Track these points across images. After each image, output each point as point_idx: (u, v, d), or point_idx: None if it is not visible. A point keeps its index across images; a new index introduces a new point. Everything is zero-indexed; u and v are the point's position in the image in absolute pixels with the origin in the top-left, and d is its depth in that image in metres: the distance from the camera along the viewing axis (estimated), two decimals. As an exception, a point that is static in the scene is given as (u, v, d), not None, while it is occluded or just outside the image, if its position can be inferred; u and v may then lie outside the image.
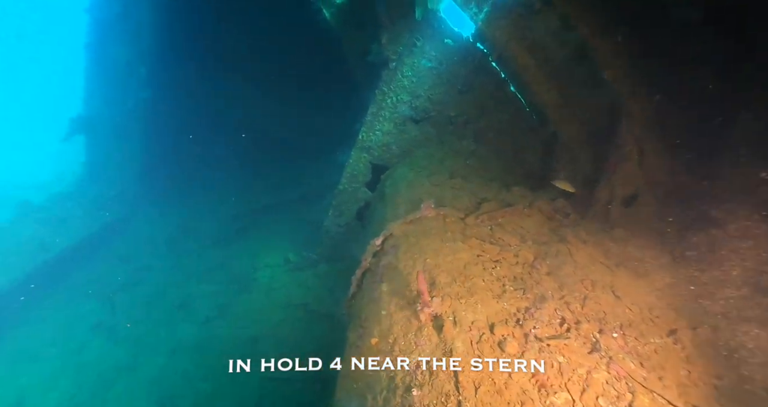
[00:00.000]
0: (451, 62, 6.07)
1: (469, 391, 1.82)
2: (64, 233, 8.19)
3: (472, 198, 4.47)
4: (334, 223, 6.79)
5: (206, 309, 7.22)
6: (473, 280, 2.69)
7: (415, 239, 3.48)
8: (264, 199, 8.68)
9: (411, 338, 2.32)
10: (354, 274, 4.42)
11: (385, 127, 6.28)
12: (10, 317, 7.19)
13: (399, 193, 5.05)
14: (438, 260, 3.00)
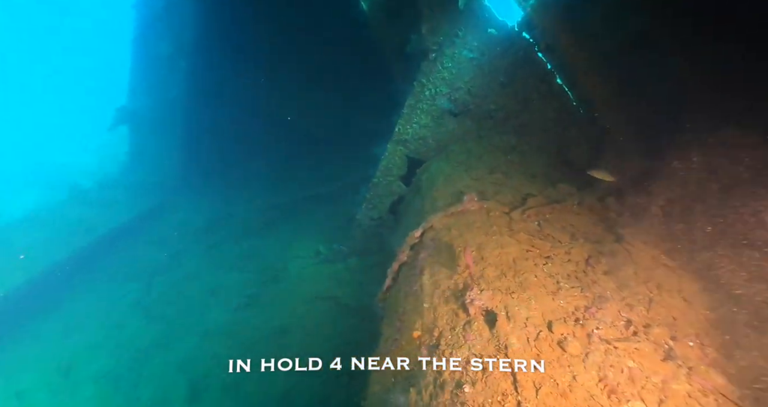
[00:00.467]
0: (494, 53, 5.86)
1: (529, 391, 1.67)
2: (108, 216, 8.55)
3: (515, 194, 4.27)
4: (366, 216, 6.72)
5: (237, 296, 7.33)
6: (524, 275, 2.53)
7: (458, 232, 3.34)
8: (298, 191, 8.73)
9: (459, 332, 2.19)
10: (389, 267, 4.33)
11: (422, 120, 6.14)
12: (60, 291, 7.59)
13: (437, 186, 4.90)
14: (484, 253, 2.85)
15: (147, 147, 9.95)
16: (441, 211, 3.75)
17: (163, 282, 8.03)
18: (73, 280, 7.59)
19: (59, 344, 6.76)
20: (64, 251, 7.25)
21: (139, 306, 7.41)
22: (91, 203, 8.55)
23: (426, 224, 3.75)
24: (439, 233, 3.50)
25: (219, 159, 10.35)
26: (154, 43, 8.97)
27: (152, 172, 9.66)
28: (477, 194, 3.74)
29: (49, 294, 7.19)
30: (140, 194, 9.32)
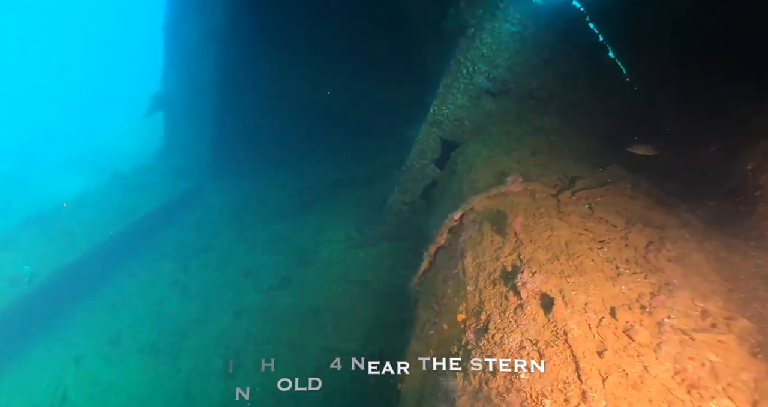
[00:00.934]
0: (538, 26, 5.50)
1: (595, 381, 1.52)
2: (147, 199, 8.86)
3: (560, 176, 4.01)
4: (398, 201, 6.60)
5: (269, 278, 7.45)
6: (579, 259, 2.34)
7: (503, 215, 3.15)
8: (330, 175, 8.69)
9: (509, 315, 2.05)
10: (425, 250, 4.20)
11: (458, 100, 5.89)
12: (107, 268, 7.99)
13: (475, 169, 4.70)
14: (533, 235, 2.67)
15: (180, 133, 10.17)
16: (482, 193, 3.57)
17: (198, 263, 8.28)
18: (118, 259, 7.97)
19: (108, 317, 7.17)
20: (108, 231, 7.61)
21: (177, 285, 7.68)
22: (131, 188, 8.90)
23: (466, 206, 3.58)
24: (481, 215, 3.33)
25: (251, 143, 10.45)
26: (185, 28, 9.04)
27: (186, 157, 9.89)
28: (521, 176, 3.52)
29: (97, 272, 7.60)
30: (175, 179, 9.58)
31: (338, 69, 9.59)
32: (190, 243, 8.76)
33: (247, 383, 5.92)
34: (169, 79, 10.02)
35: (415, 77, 8.31)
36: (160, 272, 7.98)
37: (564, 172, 4.21)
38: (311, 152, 10.03)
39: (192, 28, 9.18)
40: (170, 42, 9.60)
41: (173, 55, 9.73)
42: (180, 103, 9.93)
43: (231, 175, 10.24)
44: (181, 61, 9.62)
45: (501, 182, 3.62)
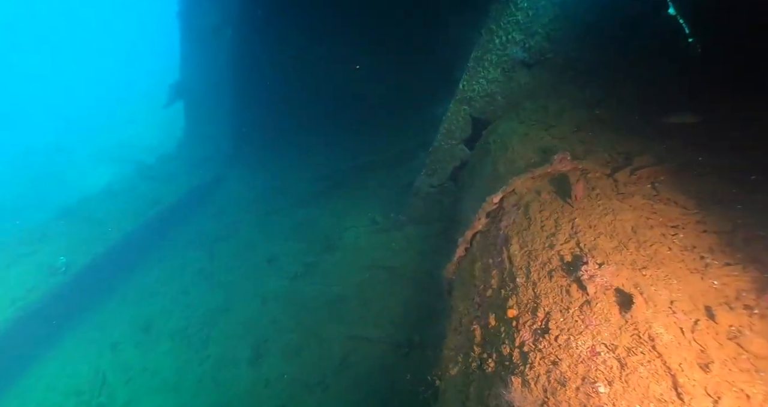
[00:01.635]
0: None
1: (702, 402, 1.21)
2: (170, 189, 8.87)
3: (612, 153, 3.59)
4: (425, 183, 6.28)
5: (293, 265, 7.34)
6: (652, 247, 1.99)
7: (551, 197, 2.81)
8: (352, 159, 8.44)
9: (574, 314, 1.74)
10: (461, 236, 3.90)
11: (490, 73, 5.45)
12: (135, 258, 8.09)
13: (511, 147, 4.32)
14: (592, 220, 2.33)
15: (200, 121, 10.08)
16: (524, 173, 3.21)
17: (223, 251, 8.26)
18: (145, 248, 8.05)
19: (139, 305, 7.29)
20: (135, 221, 7.67)
21: (203, 274, 7.69)
22: (154, 178, 8.96)
23: (507, 187, 3.24)
24: (524, 198, 2.99)
25: (271, 129, 10.27)
26: (200, 13, 8.80)
27: (206, 146, 9.82)
28: (569, 153, 3.14)
29: (127, 261, 7.71)
30: (196, 168, 9.56)
31: (358, 48, 9.18)
32: (214, 232, 8.75)
33: (273, 370, 5.93)
34: (186, 68, 9.88)
35: (437, 53, 7.84)
36: (186, 260, 8.01)
37: (614, 148, 3.78)
38: (332, 135, 9.76)
39: (207, 12, 8.94)
40: (186, 29, 9.41)
41: (189, 42, 9.55)
42: (198, 91, 9.80)
43: (252, 162, 10.13)
44: (197, 48, 9.43)
45: (546, 161, 3.25)
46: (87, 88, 23.53)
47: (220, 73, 9.43)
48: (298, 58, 10.00)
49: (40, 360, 6.65)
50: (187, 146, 10.64)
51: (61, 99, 22.37)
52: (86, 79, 26.05)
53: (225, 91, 9.71)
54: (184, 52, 9.91)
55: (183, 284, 7.53)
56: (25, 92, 25.05)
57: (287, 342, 6.14)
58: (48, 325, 6.67)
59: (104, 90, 22.56)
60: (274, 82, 10.20)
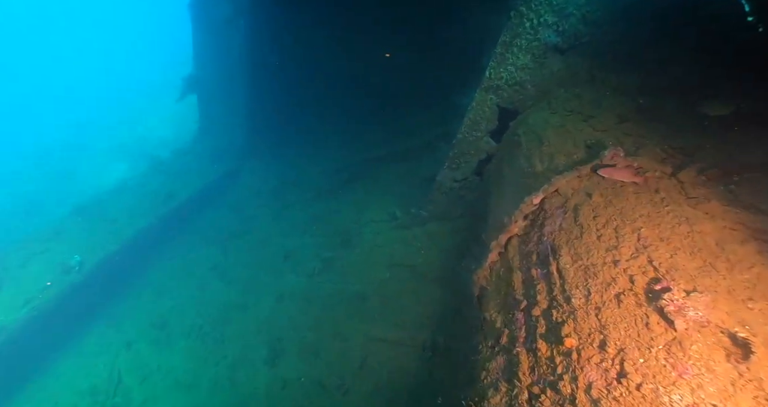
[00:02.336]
0: (623, -37, 4.48)
1: None
2: (184, 184, 8.73)
3: (666, 148, 3.20)
4: (448, 177, 5.95)
5: (311, 261, 7.15)
6: (753, 271, 1.65)
7: (604, 200, 2.47)
8: (370, 151, 8.13)
9: (659, 356, 1.43)
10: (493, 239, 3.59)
11: (520, 60, 5.04)
12: (149, 254, 8.01)
13: (548, 141, 3.95)
14: (663, 231, 1.98)
15: (214, 114, 9.87)
16: (570, 171, 2.85)
17: (238, 247, 8.12)
18: (159, 244, 7.96)
19: (154, 302, 7.21)
20: (149, 217, 7.55)
21: (218, 270, 7.57)
22: (169, 173, 8.81)
23: (549, 187, 2.90)
24: (572, 201, 2.65)
25: (286, 121, 10.01)
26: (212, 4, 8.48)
27: (220, 139, 9.62)
28: (622, 149, 2.77)
29: (141, 257, 7.63)
30: (211, 162, 9.39)
31: (376, 36, 8.76)
32: (229, 227, 8.61)
33: (290, 371, 5.78)
34: (200, 60, 9.64)
35: (460, 39, 7.39)
36: (200, 256, 7.90)
37: (667, 142, 3.39)
38: (349, 126, 9.44)
39: (218, 3, 8.62)
40: (198, 20, 9.12)
41: (202, 33, 9.28)
42: (212, 83, 9.56)
43: (266, 155, 9.92)
44: (210, 40, 9.16)
45: (593, 157, 2.89)
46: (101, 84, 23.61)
47: (233, 65, 9.16)
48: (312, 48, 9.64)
49: (55, 359, 6.66)
50: (201, 140, 10.47)
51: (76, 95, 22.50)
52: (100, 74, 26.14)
53: (238, 84, 9.45)
54: (196, 45, 9.66)
55: (197, 281, 7.42)
56: (39, 90, 25.32)
57: (304, 341, 5.97)
58: (63, 324, 6.65)
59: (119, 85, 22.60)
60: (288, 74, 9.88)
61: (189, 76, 9.70)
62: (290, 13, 9.10)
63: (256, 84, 9.50)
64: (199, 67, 9.84)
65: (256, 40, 8.76)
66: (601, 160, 2.78)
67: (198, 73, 9.86)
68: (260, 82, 9.54)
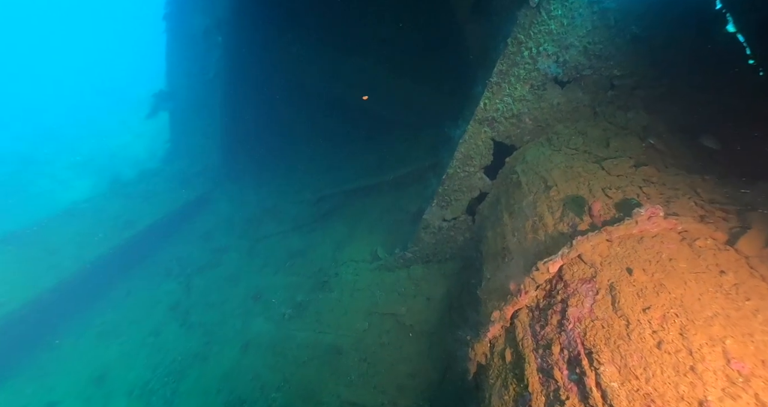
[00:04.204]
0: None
1: None
2: (148, 209, 7.93)
3: (698, 201, 2.71)
4: (437, 216, 5.38)
5: (283, 304, 6.40)
6: None
7: (651, 280, 1.91)
8: (352, 181, 7.54)
9: None
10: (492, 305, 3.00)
11: (517, 90, 4.61)
12: (97, 291, 7.07)
13: (554, 183, 3.44)
14: (757, 346, 1.40)
15: (187, 134, 9.21)
16: (595, 231, 2.30)
17: (203, 283, 7.30)
18: (111, 279, 7.06)
19: (94, 349, 6.24)
20: (101, 247, 6.70)
21: (178, 310, 6.71)
22: (132, 196, 8.00)
23: (569, 251, 2.33)
24: (603, 275, 2.08)
25: (264, 145, 9.39)
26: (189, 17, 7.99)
27: (194, 161, 8.91)
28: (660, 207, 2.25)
29: (85, 294, 6.68)
30: (182, 185, 8.63)
31: (361, 60, 8.36)
32: (195, 259, 7.80)
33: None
34: (173, 75, 9.03)
35: (452, 66, 7.03)
36: (159, 293, 7.03)
37: (698, 194, 2.90)
38: (332, 153, 8.87)
39: (196, 16, 8.13)
40: (173, 33, 8.58)
41: (177, 47, 8.72)
42: (186, 101, 8.94)
43: (242, 180, 9.22)
44: (185, 54, 8.60)
45: (625, 215, 2.35)
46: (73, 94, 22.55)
47: (210, 81, 8.58)
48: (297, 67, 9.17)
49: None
50: (172, 160, 9.73)
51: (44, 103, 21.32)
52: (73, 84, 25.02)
53: (214, 102, 8.84)
54: (170, 57, 9.08)
55: (152, 324, 6.53)
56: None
57: (270, 404, 5.14)
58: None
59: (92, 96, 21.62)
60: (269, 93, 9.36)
61: (161, 92, 9.05)
62: (274, 28, 8.64)
63: (234, 103, 8.91)
64: (172, 81, 9.22)
65: (236, 56, 8.22)
66: (636, 220, 2.24)
67: (171, 88, 9.23)
68: (238, 101, 8.96)
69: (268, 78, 8.72)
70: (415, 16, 7.42)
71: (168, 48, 8.73)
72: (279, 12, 8.01)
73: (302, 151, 9.19)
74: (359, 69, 8.57)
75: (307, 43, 8.92)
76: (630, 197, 2.58)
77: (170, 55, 8.82)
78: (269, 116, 8.99)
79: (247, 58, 8.25)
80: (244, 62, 8.24)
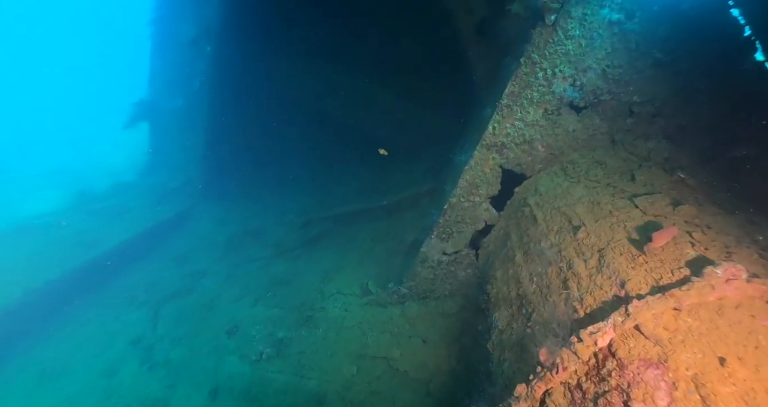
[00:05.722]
0: (650, 14, 3.84)
1: None
2: (118, 227, 7.22)
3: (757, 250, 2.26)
4: (436, 249, 4.87)
5: (261, 341, 5.72)
6: None
7: (746, 369, 1.40)
8: (343, 204, 7.00)
9: None
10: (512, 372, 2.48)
11: (530, 115, 4.22)
12: (46, 320, 6.26)
13: (582, 224, 2.96)
14: None
15: (168, 147, 8.61)
16: (660, 297, 1.81)
17: (173, 313, 6.58)
18: (63, 307, 6.25)
19: (32, 394, 5.34)
20: (53, 271, 5.92)
21: (139, 345, 5.96)
22: (99, 212, 7.29)
23: (623, 319, 1.84)
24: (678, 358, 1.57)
25: (251, 162, 8.84)
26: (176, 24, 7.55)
27: (174, 175, 8.28)
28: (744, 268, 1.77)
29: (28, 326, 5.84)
30: (159, 202, 7.96)
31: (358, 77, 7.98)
32: (166, 285, 7.09)
33: None
34: (156, 84, 8.51)
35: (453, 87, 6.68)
36: (121, 324, 6.26)
37: (754, 240, 2.46)
38: (321, 174, 8.35)
39: (185, 23, 7.69)
40: (158, 40, 8.11)
41: (162, 55, 8.23)
42: (168, 111, 8.39)
43: (224, 198, 8.60)
44: (171, 63, 8.11)
45: (698, 273, 1.87)
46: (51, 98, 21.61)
47: (195, 92, 8.08)
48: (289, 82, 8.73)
49: None
50: (150, 174, 9.09)
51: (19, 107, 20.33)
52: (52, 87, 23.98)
53: (199, 114, 8.31)
54: (154, 65, 8.57)
55: (109, 361, 5.76)
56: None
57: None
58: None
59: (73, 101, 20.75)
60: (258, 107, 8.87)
61: (141, 101, 8.49)
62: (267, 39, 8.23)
63: (220, 116, 8.38)
64: (155, 90, 8.68)
65: (224, 67, 7.75)
66: (711, 283, 1.75)
67: (153, 97, 8.68)
68: (225, 114, 8.43)
69: (257, 91, 8.25)
70: (417, 35, 7.10)
71: (153, 55, 8.23)
72: (272, 23, 7.62)
73: (291, 170, 8.65)
74: (355, 86, 8.18)
75: (301, 56, 8.53)
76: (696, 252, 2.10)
77: (155, 63, 8.32)
78: (257, 131, 8.48)
79: (236, 70, 7.79)
80: (232, 74, 7.77)
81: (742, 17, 3.75)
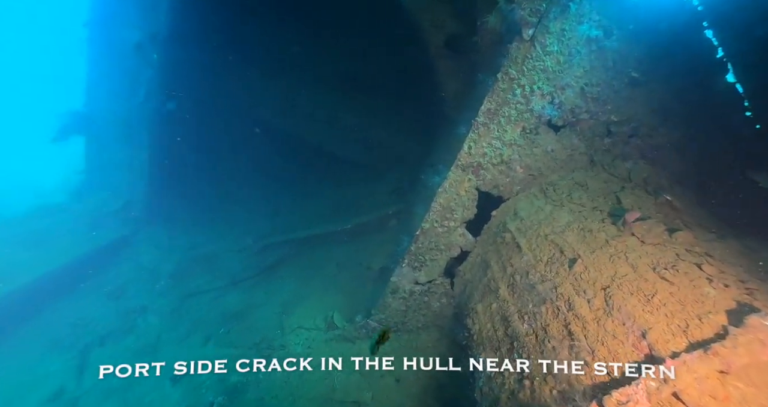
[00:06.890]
0: (628, 32, 3.74)
1: None
2: (39, 257, 6.20)
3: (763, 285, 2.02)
4: (408, 278, 4.44)
5: (212, 388, 4.97)
6: None
7: None
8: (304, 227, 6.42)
9: None
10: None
11: (507, 134, 3.97)
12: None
13: (577, 256, 2.64)
14: None
15: (106, 164, 7.68)
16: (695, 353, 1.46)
17: (106, 356, 5.65)
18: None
19: None
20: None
21: (61, 400, 4.99)
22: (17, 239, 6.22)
23: (659, 386, 1.46)
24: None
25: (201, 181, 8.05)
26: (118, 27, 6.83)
27: (112, 196, 7.36)
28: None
29: None
30: (92, 226, 7.01)
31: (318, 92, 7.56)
32: (99, 324, 6.14)
33: None
34: (94, 93, 7.62)
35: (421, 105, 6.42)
36: (37, 376, 5.25)
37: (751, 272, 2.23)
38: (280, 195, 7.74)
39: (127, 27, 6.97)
40: (97, 44, 7.30)
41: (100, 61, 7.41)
42: (107, 125, 7.52)
43: (171, 222, 7.73)
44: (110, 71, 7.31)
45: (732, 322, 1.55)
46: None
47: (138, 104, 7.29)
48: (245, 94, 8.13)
49: None
50: (84, 195, 8.08)
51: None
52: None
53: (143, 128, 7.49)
54: (92, 72, 7.69)
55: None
56: None
57: None
58: None
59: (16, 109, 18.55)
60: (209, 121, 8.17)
61: (75, 112, 7.55)
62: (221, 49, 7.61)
63: (167, 131, 7.59)
64: (92, 101, 7.78)
65: (172, 77, 7.04)
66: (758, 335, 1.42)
67: (89, 108, 7.77)
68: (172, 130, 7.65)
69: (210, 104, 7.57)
70: (383, 50, 6.83)
71: (89, 61, 7.37)
72: (228, 31, 7.08)
73: (246, 191, 7.96)
74: (317, 102, 7.73)
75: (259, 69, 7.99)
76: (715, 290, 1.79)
77: (92, 70, 7.45)
78: (209, 148, 7.77)
79: (186, 81, 7.10)
80: (182, 85, 7.07)
81: (715, 39, 3.75)
